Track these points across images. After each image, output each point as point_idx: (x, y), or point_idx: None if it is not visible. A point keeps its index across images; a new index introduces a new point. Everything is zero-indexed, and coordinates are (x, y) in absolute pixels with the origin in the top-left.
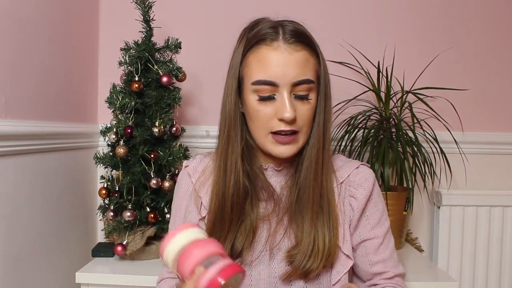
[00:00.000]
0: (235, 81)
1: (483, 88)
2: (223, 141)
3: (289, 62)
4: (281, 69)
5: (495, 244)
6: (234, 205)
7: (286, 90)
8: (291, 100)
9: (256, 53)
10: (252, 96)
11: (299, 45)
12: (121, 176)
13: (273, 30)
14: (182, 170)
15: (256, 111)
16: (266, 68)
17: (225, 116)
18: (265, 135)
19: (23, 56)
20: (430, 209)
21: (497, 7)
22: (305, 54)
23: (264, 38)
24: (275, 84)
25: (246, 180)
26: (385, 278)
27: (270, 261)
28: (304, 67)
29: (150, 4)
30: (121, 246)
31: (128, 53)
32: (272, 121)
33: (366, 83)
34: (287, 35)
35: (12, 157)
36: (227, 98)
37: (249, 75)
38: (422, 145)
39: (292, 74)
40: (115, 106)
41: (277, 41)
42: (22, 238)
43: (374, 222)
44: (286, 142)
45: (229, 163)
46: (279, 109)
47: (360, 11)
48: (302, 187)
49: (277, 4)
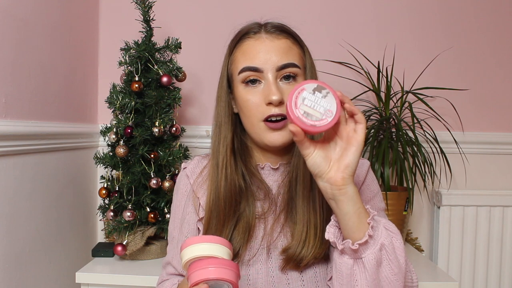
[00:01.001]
0: (225, 80)
1: (483, 88)
2: (215, 138)
3: (272, 48)
4: (264, 55)
5: (495, 244)
6: (227, 200)
7: (271, 74)
8: (277, 84)
9: (240, 46)
10: (241, 87)
11: (280, 34)
12: (121, 176)
13: (256, 25)
14: (181, 172)
15: (245, 101)
16: (250, 56)
17: (216, 116)
18: (257, 123)
19: (23, 56)
20: (430, 209)
21: (497, 7)
22: (287, 42)
23: (247, 32)
24: (260, 69)
25: (241, 178)
26: None
27: (267, 259)
28: (287, 52)
29: (150, 4)
30: (121, 246)
31: (128, 53)
32: (261, 107)
33: (366, 83)
34: (269, 27)
35: (12, 157)
36: (219, 98)
37: (236, 68)
38: (422, 145)
39: (276, 58)
40: (115, 106)
41: (259, 33)
42: (22, 238)
43: (364, 199)
44: (277, 127)
45: (221, 158)
46: (267, 94)
47: (360, 11)
48: (293, 173)
49: (276, 4)
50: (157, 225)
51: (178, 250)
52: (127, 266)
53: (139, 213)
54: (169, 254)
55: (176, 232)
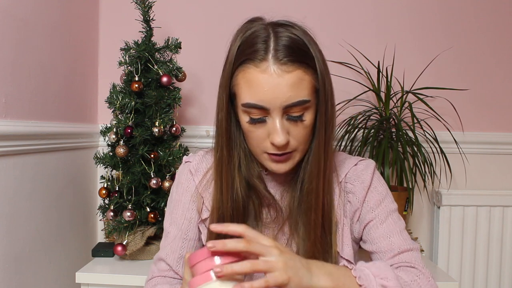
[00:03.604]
0: (226, 95)
1: (483, 88)
2: (218, 150)
3: (279, 85)
4: (271, 93)
5: (495, 244)
6: (234, 212)
7: (278, 113)
8: (283, 124)
9: (244, 72)
10: (244, 117)
11: (291, 65)
12: (121, 176)
13: (263, 46)
14: (183, 165)
15: (249, 131)
16: (255, 91)
17: (218, 127)
18: (260, 153)
19: (23, 56)
20: (430, 209)
21: (497, 7)
22: (298, 73)
23: (252, 58)
24: (265, 108)
25: (246, 187)
26: (390, 258)
27: None
28: (296, 88)
29: (150, 4)
30: (121, 246)
31: (128, 53)
32: (265, 142)
33: (366, 83)
34: (279, 53)
35: (12, 157)
36: (220, 112)
37: (239, 95)
38: (422, 145)
39: (283, 98)
40: (115, 106)
41: (266, 62)
42: (22, 238)
43: (374, 203)
44: (281, 160)
45: (225, 182)
46: (271, 133)
47: (360, 11)
48: (303, 196)
49: (277, 4)
50: (157, 225)
51: (173, 246)
52: (127, 266)
53: (139, 213)
54: (163, 250)
55: (173, 228)
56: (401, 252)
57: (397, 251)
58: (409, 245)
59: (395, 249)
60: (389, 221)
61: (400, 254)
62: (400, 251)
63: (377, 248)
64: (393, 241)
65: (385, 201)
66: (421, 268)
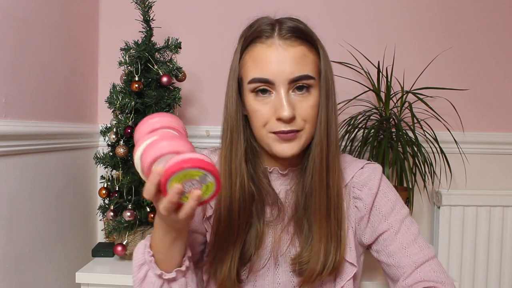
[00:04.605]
0: (235, 82)
1: (483, 88)
2: (226, 144)
3: (284, 58)
4: (276, 66)
5: (495, 244)
6: (241, 209)
7: (283, 87)
8: (289, 98)
9: (251, 51)
10: (250, 96)
11: (295, 41)
12: (121, 176)
13: (269, 27)
14: None
15: (254, 111)
16: (261, 66)
17: (227, 119)
18: (266, 133)
19: (23, 56)
20: (430, 209)
21: (497, 7)
22: (302, 49)
23: (259, 36)
24: (271, 82)
25: (251, 183)
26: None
27: (274, 269)
28: (301, 63)
29: (150, 4)
30: (121, 246)
31: (128, 53)
32: (271, 121)
33: (366, 83)
34: (283, 31)
35: (12, 157)
36: (229, 100)
37: (246, 75)
38: (422, 145)
39: (289, 71)
40: (115, 106)
41: (272, 38)
42: (22, 238)
43: (386, 211)
44: (287, 138)
45: (234, 166)
46: (277, 108)
47: (360, 11)
48: (308, 191)
49: (277, 4)
50: None
51: None
52: (127, 266)
53: (139, 213)
54: None
55: None
56: (418, 266)
57: (414, 266)
58: (426, 255)
59: (412, 264)
60: (403, 230)
61: (418, 268)
62: (417, 265)
63: (395, 262)
64: (409, 252)
65: (396, 208)
66: (442, 279)
